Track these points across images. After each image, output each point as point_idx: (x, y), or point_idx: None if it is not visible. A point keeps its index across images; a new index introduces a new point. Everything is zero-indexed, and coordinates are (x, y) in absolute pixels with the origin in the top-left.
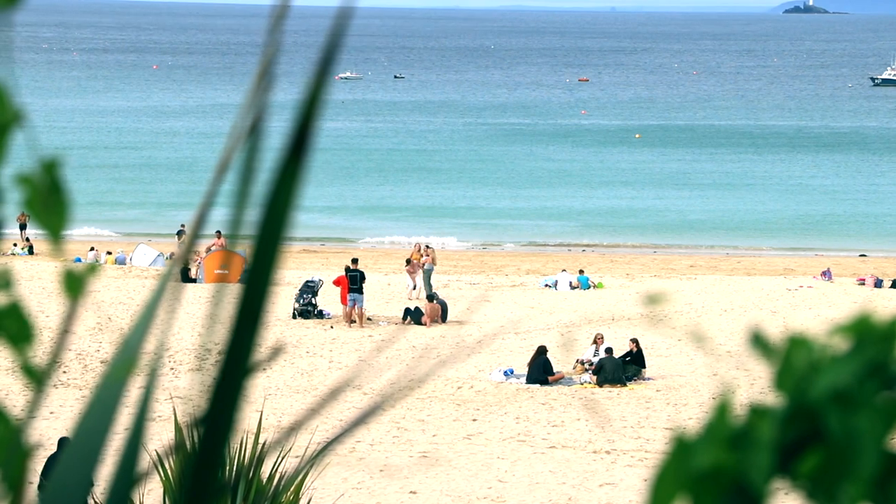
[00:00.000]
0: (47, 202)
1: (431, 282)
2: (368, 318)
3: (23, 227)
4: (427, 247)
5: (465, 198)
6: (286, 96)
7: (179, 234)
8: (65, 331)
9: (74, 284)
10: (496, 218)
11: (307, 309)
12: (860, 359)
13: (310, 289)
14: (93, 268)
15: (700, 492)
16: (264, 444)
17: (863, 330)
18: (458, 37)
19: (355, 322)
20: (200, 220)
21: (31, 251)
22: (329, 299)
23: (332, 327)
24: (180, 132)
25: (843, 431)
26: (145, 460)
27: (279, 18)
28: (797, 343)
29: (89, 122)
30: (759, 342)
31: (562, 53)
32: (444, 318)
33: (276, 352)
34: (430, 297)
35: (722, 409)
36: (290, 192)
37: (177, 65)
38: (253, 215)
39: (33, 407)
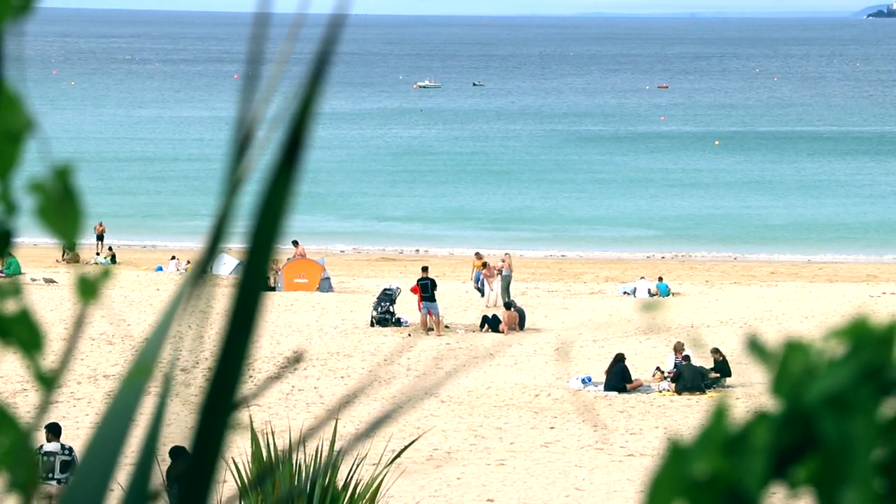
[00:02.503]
0: (60, 209)
1: (510, 289)
2: (446, 326)
3: (100, 237)
4: (506, 254)
5: (544, 205)
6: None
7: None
8: (77, 335)
9: (88, 289)
10: (575, 224)
11: (385, 317)
12: (856, 363)
13: (387, 297)
14: (106, 273)
15: (695, 498)
16: (339, 451)
17: (859, 334)
18: (537, 44)
19: (433, 330)
20: (219, 232)
21: (113, 260)
22: (407, 307)
23: (409, 335)
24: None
25: (838, 436)
26: (158, 474)
27: (262, 27)
28: (794, 348)
29: (171, 133)
30: (756, 348)
31: (641, 60)
32: (521, 325)
33: (297, 359)
34: (508, 304)
35: (718, 415)
36: (283, 200)
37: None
38: (244, 224)
39: (42, 412)
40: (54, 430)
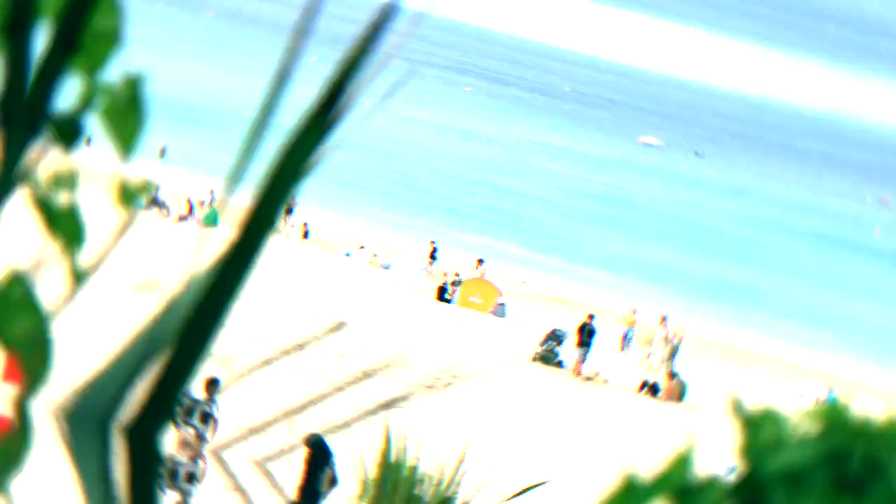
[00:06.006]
0: (123, 114)
1: (675, 359)
2: (605, 380)
3: (289, 211)
4: (679, 325)
5: (737, 285)
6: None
7: (433, 254)
8: (118, 239)
9: (128, 195)
10: (762, 313)
11: (548, 355)
12: (822, 446)
13: (556, 337)
14: (145, 184)
15: None
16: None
17: (834, 420)
18: (768, 130)
19: (591, 379)
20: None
21: (306, 235)
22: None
23: (566, 379)
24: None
25: None
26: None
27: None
28: (770, 417)
29: (394, 133)
30: (738, 410)
31: (871, 170)
32: (681, 397)
33: (340, 325)
34: (674, 374)
35: (681, 462)
36: (307, 151)
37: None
38: (261, 169)
39: (65, 304)
40: (212, 385)
